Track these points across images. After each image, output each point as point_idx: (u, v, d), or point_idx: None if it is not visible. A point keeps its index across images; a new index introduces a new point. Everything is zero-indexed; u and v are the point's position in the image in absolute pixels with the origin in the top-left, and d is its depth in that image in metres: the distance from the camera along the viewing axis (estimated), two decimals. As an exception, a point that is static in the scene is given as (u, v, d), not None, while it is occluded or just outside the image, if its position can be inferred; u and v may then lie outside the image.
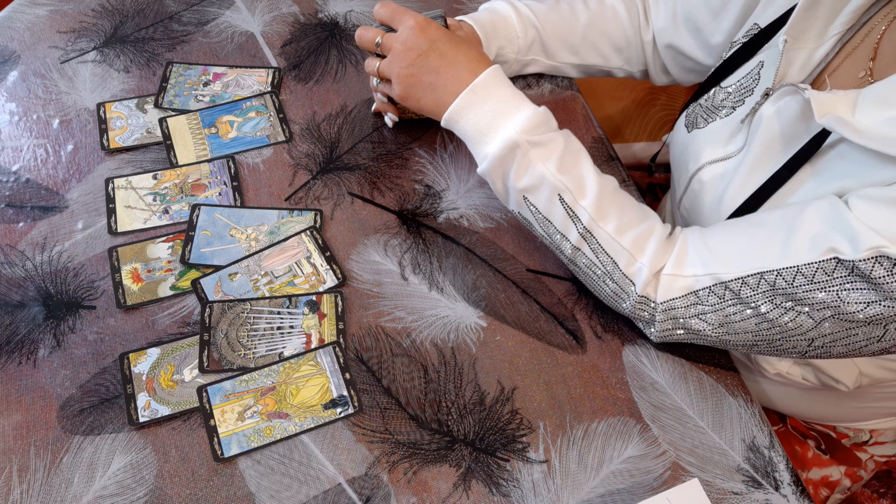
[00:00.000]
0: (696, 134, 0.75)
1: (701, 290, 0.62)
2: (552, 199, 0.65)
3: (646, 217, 0.66)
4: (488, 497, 0.62)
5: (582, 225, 0.65)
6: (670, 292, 0.63)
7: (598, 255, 0.65)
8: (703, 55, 0.82)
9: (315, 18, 0.98)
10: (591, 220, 0.64)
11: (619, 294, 0.66)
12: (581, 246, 0.66)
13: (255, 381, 0.67)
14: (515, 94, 0.67)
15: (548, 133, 0.66)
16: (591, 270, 0.67)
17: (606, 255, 0.65)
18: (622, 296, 0.66)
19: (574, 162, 0.66)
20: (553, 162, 0.65)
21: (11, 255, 0.74)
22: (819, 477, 0.87)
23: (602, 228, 0.64)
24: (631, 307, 0.66)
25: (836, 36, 0.64)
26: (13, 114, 0.86)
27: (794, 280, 0.56)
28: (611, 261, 0.65)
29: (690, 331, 0.64)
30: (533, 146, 0.65)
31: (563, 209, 0.65)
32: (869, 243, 0.51)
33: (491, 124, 0.66)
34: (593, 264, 0.66)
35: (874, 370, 0.73)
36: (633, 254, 0.64)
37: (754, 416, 0.68)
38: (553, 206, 0.65)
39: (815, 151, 0.61)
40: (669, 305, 0.64)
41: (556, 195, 0.65)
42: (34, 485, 0.61)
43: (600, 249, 0.65)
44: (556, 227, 0.66)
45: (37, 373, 0.67)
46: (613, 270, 0.65)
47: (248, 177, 0.81)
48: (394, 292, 0.74)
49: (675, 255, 0.64)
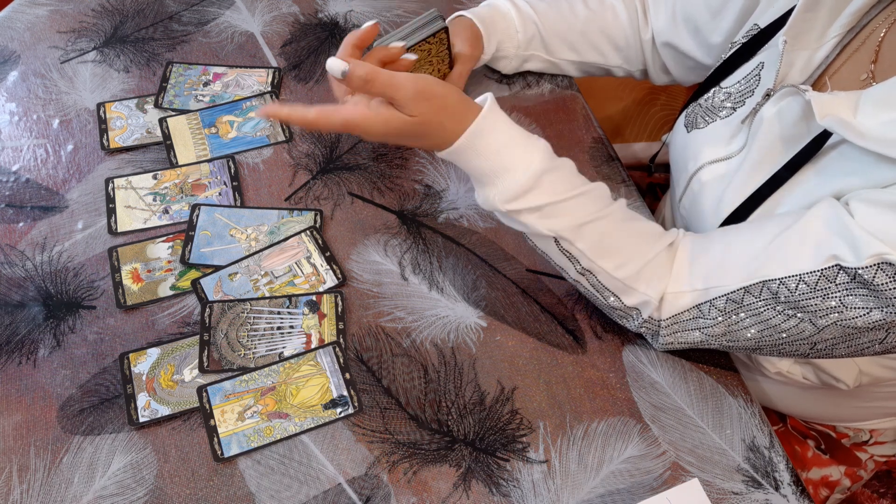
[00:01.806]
0: (696, 134, 0.75)
1: (703, 304, 0.62)
2: (548, 243, 0.64)
3: (648, 245, 0.64)
4: (488, 497, 0.62)
5: (580, 265, 0.64)
6: (674, 308, 0.64)
7: (599, 291, 0.65)
8: (703, 55, 0.82)
9: (315, 18, 0.98)
10: (589, 261, 0.63)
11: (623, 318, 0.67)
12: (580, 280, 0.65)
13: (255, 381, 0.67)
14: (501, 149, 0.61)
15: (529, 197, 0.60)
16: (593, 297, 0.67)
17: (607, 290, 0.64)
18: (627, 319, 0.67)
19: (565, 215, 0.62)
20: (543, 220, 0.62)
21: (11, 255, 0.74)
22: (819, 477, 0.87)
23: (601, 267, 0.63)
24: (636, 328, 0.67)
25: (837, 38, 0.64)
26: (13, 114, 0.86)
27: (797, 288, 0.56)
28: (612, 294, 0.64)
29: (695, 341, 0.64)
30: (526, 212, 0.61)
31: (558, 250, 0.64)
32: (871, 250, 0.51)
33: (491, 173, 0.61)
34: (595, 295, 0.66)
35: (875, 369, 0.73)
36: (636, 287, 0.63)
37: (754, 416, 0.68)
38: (550, 248, 0.64)
39: (816, 152, 0.61)
40: (674, 320, 0.64)
41: (553, 239, 0.63)
42: (34, 485, 0.61)
43: (600, 286, 0.64)
44: (554, 261, 0.66)
45: (37, 373, 0.67)
46: (616, 303, 0.65)
47: (248, 177, 0.81)
48: (394, 292, 0.74)
49: (676, 272, 0.64)
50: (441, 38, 0.77)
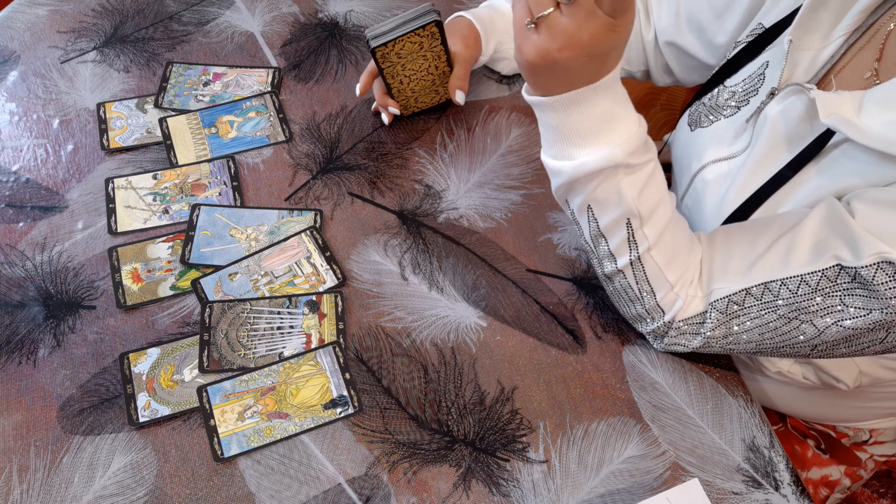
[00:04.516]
0: (700, 133, 0.75)
1: (707, 309, 0.62)
2: (619, 221, 0.60)
3: (691, 246, 0.63)
4: (488, 497, 0.62)
5: (637, 252, 0.61)
6: (683, 314, 0.63)
7: (640, 283, 0.63)
8: (707, 55, 0.82)
9: (315, 18, 0.98)
10: (648, 248, 0.61)
11: (643, 317, 0.66)
12: (625, 270, 0.63)
13: (255, 381, 0.67)
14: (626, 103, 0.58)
15: (645, 154, 0.59)
16: (623, 291, 0.65)
17: (648, 284, 0.63)
18: (647, 319, 0.66)
19: (655, 189, 0.60)
20: (638, 187, 0.59)
21: (11, 255, 0.74)
22: (819, 476, 0.87)
23: (653, 259, 0.61)
24: (650, 330, 0.66)
25: (843, 37, 0.63)
26: (13, 114, 0.86)
27: (798, 289, 0.56)
28: (650, 289, 0.63)
29: (697, 346, 0.64)
30: (628, 169, 0.58)
31: (626, 233, 0.60)
32: (872, 249, 0.51)
33: (596, 130, 0.57)
34: (630, 288, 0.64)
35: (875, 369, 0.73)
36: (675, 286, 0.62)
37: (754, 416, 0.68)
38: (617, 228, 0.60)
39: (819, 151, 0.61)
40: (685, 323, 0.64)
41: (626, 218, 0.60)
42: (34, 485, 0.61)
43: (644, 279, 0.63)
44: (609, 247, 0.62)
45: (37, 373, 0.67)
46: (649, 299, 0.64)
47: (248, 177, 0.81)
48: (394, 292, 0.74)
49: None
50: (433, 32, 0.75)
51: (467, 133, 0.87)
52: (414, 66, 0.78)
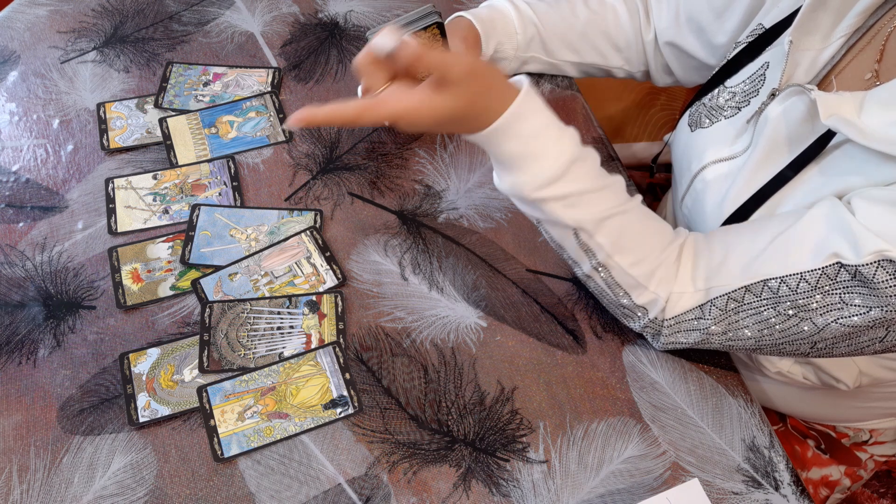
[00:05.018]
0: (700, 133, 0.75)
1: (705, 304, 0.62)
2: (567, 235, 0.61)
3: (662, 244, 0.63)
4: (488, 497, 0.62)
5: (596, 260, 0.62)
6: (677, 309, 0.63)
7: (611, 287, 0.64)
8: (707, 55, 0.82)
9: (315, 18, 0.98)
10: (606, 256, 0.61)
11: (628, 316, 0.66)
12: (593, 275, 0.64)
13: (255, 381, 0.67)
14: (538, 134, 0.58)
15: (570, 183, 0.58)
16: (602, 295, 0.66)
17: (619, 287, 0.63)
18: (632, 318, 0.66)
19: (596, 204, 0.60)
20: (572, 211, 0.59)
21: (11, 255, 0.74)
22: (819, 477, 0.87)
23: (617, 263, 0.62)
24: (640, 328, 0.67)
25: (843, 38, 0.63)
26: (13, 114, 0.86)
27: (798, 287, 0.56)
28: (623, 292, 0.64)
29: (695, 341, 0.64)
30: (554, 198, 0.59)
31: (576, 243, 0.62)
32: (872, 247, 0.51)
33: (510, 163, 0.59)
34: (605, 291, 0.65)
35: (875, 369, 0.73)
36: (648, 285, 0.62)
37: (754, 416, 0.68)
38: (568, 240, 0.62)
39: (820, 152, 0.61)
40: (676, 321, 0.64)
41: (573, 231, 0.61)
42: (34, 485, 0.61)
43: (613, 282, 0.63)
44: (568, 254, 0.64)
45: (37, 373, 0.67)
46: (626, 300, 0.64)
47: (248, 177, 0.81)
48: (394, 292, 0.74)
49: (681, 274, 0.63)
50: (434, 34, 0.76)
51: (467, 133, 0.87)
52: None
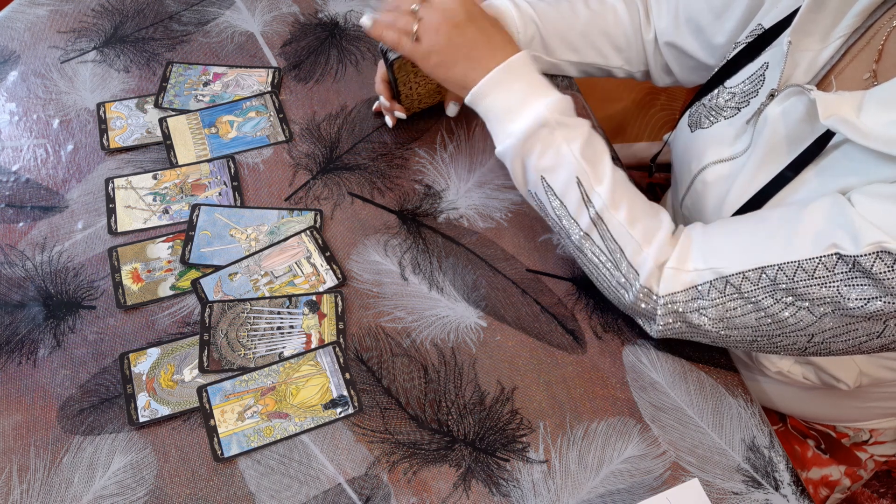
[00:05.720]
0: (700, 134, 0.75)
1: (702, 285, 0.62)
2: (570, 181, 0.65)
3: (656, 212, 0.67)
4: (488, 497, 0.62)
5: (595, 210, 0.65)
6: (672, 286, 0.63)
7: (607, 242, 0.65)
8: (706, 55, 0.82)
9: (315, 18, 0.98)
10: (604, 206, 0.64)
11: (622, 285, 0.66)
12: (591, 232, 0.66)
13: (255, 381, 0.67)
14: (544, 80, 0.69)
15: (574, 117, 0.67)
16: (596, 259, 0.67)
17: (614, 242, 0.65)
18: (625, 286, 0.66)
19: (594, 148, 0.67)
20: (577, 144, 0.65)
21: (11, 255, 0.74)
22: (819, 476, 0.87)
23: (613, 216, 0.65)
24: (633, 299, 0.66)
25: (842, 38, 0.64)
26: (13, 114, 0.86)
27: (795, 275, 0.56)
28: (618, 248, 0.65)
29: (691, 325, 0.64)
30: (560, 126, 0.66)
31: (579, 192, 0.65)
32: (870, 238, 0.51)
33: (521, 102, 0.67)
34: (600, 252, 0.66)
35: (875, 369, 0.73)
36: (641, 243, 0.64)
37: (754, 416, 0.68)
38: (569, 189, 0.65)
39: (820, 152, 0.61)
40: (671, 299, 0.64)
41: (575, 177, 0.65)
42: (34, 485, 0.61)
43: (609, 237, 0.65)
44: (568, 210, 0.66)
45: (37, 373, 0.67)
46: (620, 259, 0.65)
47: (248, 177, 0.81)
48: (394, 292, 0.74)
49: (679, 250, 0.64)
50: None
51: (467, 133, 0.87)
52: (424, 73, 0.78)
